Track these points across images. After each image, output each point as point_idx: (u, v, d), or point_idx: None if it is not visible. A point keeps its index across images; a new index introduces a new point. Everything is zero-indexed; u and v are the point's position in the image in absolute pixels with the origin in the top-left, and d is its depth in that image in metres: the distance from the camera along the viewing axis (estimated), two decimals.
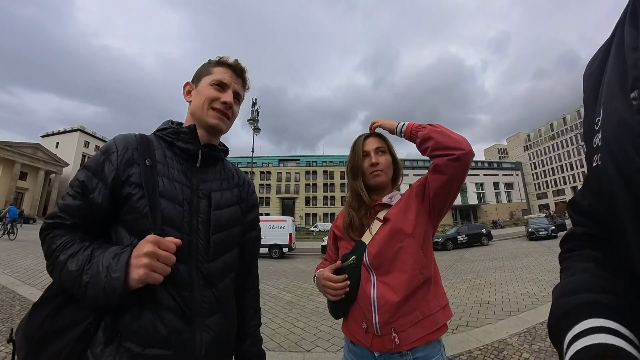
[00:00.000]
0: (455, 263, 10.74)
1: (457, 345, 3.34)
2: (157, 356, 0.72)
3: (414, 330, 0.95)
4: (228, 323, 0.88)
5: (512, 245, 16.64)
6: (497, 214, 57.18)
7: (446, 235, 17.93)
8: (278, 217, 20.68)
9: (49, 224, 0.75)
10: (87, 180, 0.77)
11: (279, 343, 3.57)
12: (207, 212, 0.86)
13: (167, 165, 0.85)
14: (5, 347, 3.05)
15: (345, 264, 1.07)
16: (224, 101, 0.92)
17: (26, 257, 8.60)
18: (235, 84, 0.96)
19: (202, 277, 0.81)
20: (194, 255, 0.81)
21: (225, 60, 0.96)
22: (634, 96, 0.34)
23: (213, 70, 0.95)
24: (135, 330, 0.71)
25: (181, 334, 0.75)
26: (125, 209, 0.78)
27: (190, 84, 0.97)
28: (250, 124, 17.57)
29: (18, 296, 4.91)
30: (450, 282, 7.20)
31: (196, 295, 0.79)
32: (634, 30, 0.37)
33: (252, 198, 1.06)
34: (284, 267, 11.03)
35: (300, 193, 64.59)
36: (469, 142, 0.98)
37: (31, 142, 45.03)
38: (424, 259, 1.01)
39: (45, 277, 6.24)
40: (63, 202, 0.76)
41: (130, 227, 0.77)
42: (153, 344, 0.72)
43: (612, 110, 0.38)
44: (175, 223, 0.79)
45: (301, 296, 6.12)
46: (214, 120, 0.92)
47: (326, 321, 4.30)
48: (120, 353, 0.70)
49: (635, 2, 0.39)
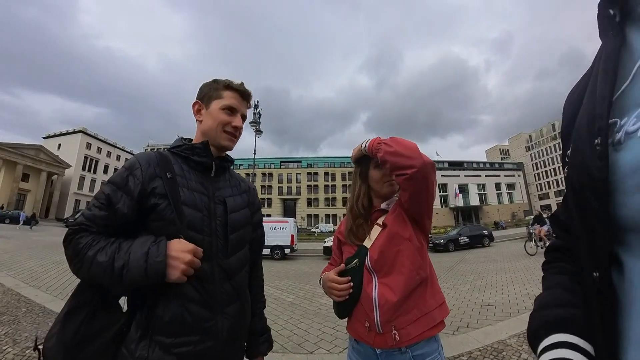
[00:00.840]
0: (457, 264, 10.75)
1: (458, 347, 3.39)
2: (186, 342, 0.83)
3: (412, 327, 1.01)
4: (244, 310, 1.00)
5: (513, 246, 16.60)
6: (498, 215, 56.94)
7: (448, 236, 17.92)
8: (280, 218, 20.67)
9: (74, 229, 0.83)
10: (112, 193, 0.86)
11: (282, 345, 3.61)
12: (224, 216, 0.98)
13: (185, 177, 0.96)
14: (12, 349, 3.12)
15: (349, 267, 1.15)
16: (235, 126, 1.05)
17: (29, 259, 8.71)
18: (242, 107, 1.08)
19: (222, 271, 0.93)
20: (215, 253, 0.93)
21: (233, 85, 1.06)
22: (597, 142, 0.37)
23: (223, 94, 1.04)
24: (166, 323, 0.82)
25: (205, 322, 0.87)
26: (152, 217, 0.88)
27: (200, 104, 1.06)
28: (252, 126, 17.65)
29: (23, 298, 4.98)
30: (452, 283, 7.24)
31: (217, 288, 0.91)
32: (605, 77, 0.40)
33: (257, 201, 1.22)
34: (286, 268, 11.05)
35: (301, 194, 64.59)
36: (422, 153, 1.03)
37: (33, 143, 45.15)
38: (419, 260, 1.08)
39: (48, 279, 6.36)
40: (89, 212, 0.85)
41: (158, 232, 0.87)
42: (181, 333, 0.83)
43: (579, 151, 0.42)
44: (197, 227, 0.91)
45: (304, 297, 6.15)
46: (226, 142, 1.05)
47: (329, 322, 4.35)
48: (153, 346, 0.80)
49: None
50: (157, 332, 0.81)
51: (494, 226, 41.53)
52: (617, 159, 0.35)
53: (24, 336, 3.46)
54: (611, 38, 0.40)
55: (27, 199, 44.16)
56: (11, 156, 40.03)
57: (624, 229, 0.35)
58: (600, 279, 0.37)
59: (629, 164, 0.33)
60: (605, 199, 0.35)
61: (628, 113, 0.35)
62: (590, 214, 0.37)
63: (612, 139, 0.36)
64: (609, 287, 0.36)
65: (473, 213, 59.66)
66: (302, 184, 65.49)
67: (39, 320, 4.00)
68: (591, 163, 0.37)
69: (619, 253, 0.36)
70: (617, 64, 0.38)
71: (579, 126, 0.45)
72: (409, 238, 1.09)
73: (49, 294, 5.23)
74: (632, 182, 0.33)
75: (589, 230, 0.38)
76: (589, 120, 0.41)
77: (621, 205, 0.34)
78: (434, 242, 17.28)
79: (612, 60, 0.38)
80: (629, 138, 0.34)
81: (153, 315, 0.82)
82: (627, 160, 0.34)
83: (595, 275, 0.38)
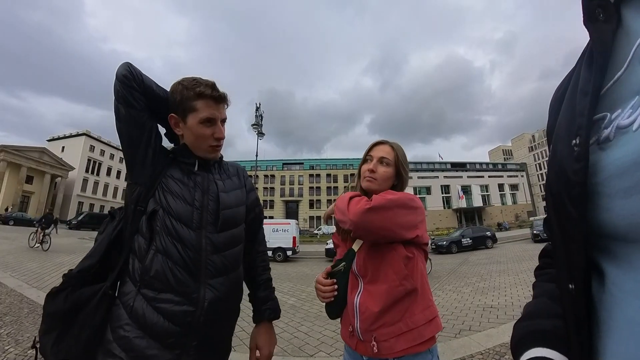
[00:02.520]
0: (460, 266, 10.70)
1: (459, 350, 3.36)
2: (167, 300, 0.90)
3: (396, 341, 0.97)
4: (232, 287, 1.02)
5: (516, 247, 16.53)
6: (502, 216, 56.62)
7: (450, 238, 17.88)
8: (282, 220, 20.70)
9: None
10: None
11: (282, 348, 3.60)
12: (216, 193, 1.04)
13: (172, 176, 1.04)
14: (14, 348, 3.15)
15: (335, 269, 1.14)
16: (217, 137, 1.04)
17: (32, 261, 8.77)
18: (221, 112, 1.04)
19: (210, 244, 0.98)
20: (204, 225, 0.98)
21: (204, 92, 0.98)
22: (575, 143, 0.34)
23: (196, 105, 0.98)
24: (151, 277, 0.90)
25: (186, 287, 0.92)
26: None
27: (176, 117, 1.02)
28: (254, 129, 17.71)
29: (26, 299, 5.02)
30: (454, 285, 7.20)
31: (202, 257, 0.95)
32: (588, 74, 0.37)
33: (249, 181, 1.26)
34: (287, 270, 11.04)
35: (304, 196, 64.67)
36: (355, 210, 1.02)
37: (38, 146, 45.57)
38: (404, 270, 1.02)
39: (50, 280, 6.40)
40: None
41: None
42: (163, 290, 0.90)
43: (557, 152, 0.39)
44: (185, 198, 0.98)
45: (305, 300, 6.14)
46: (212, 154, 1.07)
47: (330, 326, 4.33)
48: (140, 298, 0.89)
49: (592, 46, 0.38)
50: (144, 285, 0.90)
51: (497, 227, 41.33)
52: (602, 159, 0.32)
53: (26, 336, 3.49)
54: (602, 22, 0.36)
55: (31, 201, 44.43)
56: (15, 158, 40.37)
57: (607, 237, 0.32)
58: (575, 291, 0.35)
59: (617, 162, 0.30)
60: (583, 205, 0.33)
61: (622, 104, 0.31)
62: (567, 222, 0.34)
63: (598, 136, 0.33)
64: (585, 300, 0.34)
65: (476, 214, 59.33)
66: (304, 186, 65.58)
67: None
68: (568, 166, 0.34)
69: (601, 263, 0.34)
70: (610, 51, 0.34)
71: (558, 126, 0.42)
72: (394, 247, 1.05)
73: None
74: (619, 184, 0.29)
75: (566, 239, 0.35)
76: (568, 118, 0.38)
77: (605, 210, 0.31)
78: (437, 244, 17.25)
79: (605, 47, 0.35)
80: (621, 133, 0.30)
81: (142, 270, 0.90)
82: (614, 159, 0.30)
83: (570, 287, 0.35)
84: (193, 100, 0.98)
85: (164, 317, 0.88)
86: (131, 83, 0.95)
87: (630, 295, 0.29)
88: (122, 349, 0.86)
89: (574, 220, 0.34)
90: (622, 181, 0.29)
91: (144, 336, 0.87)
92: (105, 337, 0.89)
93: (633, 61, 0.32)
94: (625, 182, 0.28)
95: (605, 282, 0.32)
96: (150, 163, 0.99)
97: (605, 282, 0.32)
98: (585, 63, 0.38)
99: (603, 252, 0.33)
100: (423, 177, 61.40)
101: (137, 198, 0.97)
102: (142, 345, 0.86)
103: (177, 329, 0.89)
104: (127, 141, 0.98)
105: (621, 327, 0.29)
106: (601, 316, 0.32)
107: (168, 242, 0.92)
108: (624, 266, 0.30)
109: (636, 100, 0.30)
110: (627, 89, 0.32)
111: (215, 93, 1.01)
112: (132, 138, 0.97)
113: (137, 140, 0.98)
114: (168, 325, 0.88)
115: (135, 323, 0.88)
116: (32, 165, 42.50)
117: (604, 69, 0.34)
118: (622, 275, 0.30)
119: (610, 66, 0.34)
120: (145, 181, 0.98)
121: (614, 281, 0.31)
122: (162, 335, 0.88)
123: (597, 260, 0.34)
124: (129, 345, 0.86)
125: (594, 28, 0.37)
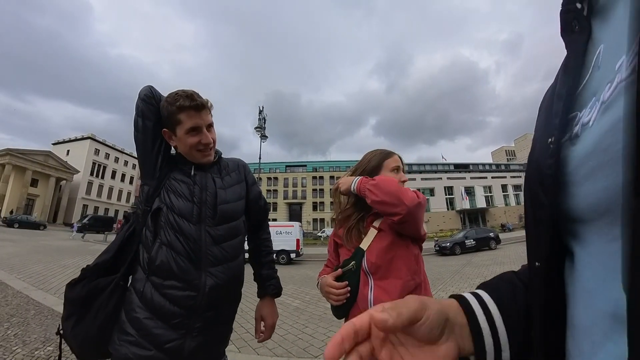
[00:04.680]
0: (463, 268, 10.65)
1: None
2: (172, 286, 1.01)
3: None
4: (231, 274, 1.12)
5: (520, 249, 16.40)
6: (505, 217, 56.16)
7: (454, 239, 17.76)
8: (285, 222, 20.69)
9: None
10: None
11: (287, 349, 3.60)
12: (214, 189, 1.15)
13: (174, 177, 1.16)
14: (22, 349, 3.17)
15: (346, 268, 1.17)
16: (204, 143, 1.13)
17: (37, 264, 8.84)
18: (205, 118, 1.13)
19: (209, 236, 1.09)
20: (203, 219, 1.10)
21: (183, 104, 1.07)
22: (550, 141, 0.38)
23: (180, 118, 1.08)
24: (157, 266, 1.02)
25: (189, 274, 1.03)
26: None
27: (168, 132, 1.13)
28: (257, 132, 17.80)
29: (32, 301, 5.05)
30: (458, 287, 7.18)
31: (202, 248, 1.06)
32: (564, 79, 0.40)
33: (250, 176, 1.36)
34: (291, 273, 11.04)
35: (307, 198, 64.58)
36: (411, 197, 1.06)
37: (43, 149, 46.07)
38: (415, 265, 1.11)
39: (55, 282, 6.47)
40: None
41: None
42: (169, 277, 1.02)
43: (535, 149, 0.43)
44: (185, 196, 1.09)
45: (309, 302, 6.13)
46: (204, 159, 1.17)
47: (334, 327, 4.33)
48: (148, 284, 1.02)
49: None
50: (151, 273, 1.02)
51: (501, 228, 41.03)
52: (571, 152, 0.35)
53: (33, 337, 3.51)
54: (577, 33, 0.40)
55: (36, 204, 44.87)
56: (20, 162, 40.88)
57: (574, 221, 0.36)
58: (539, 268, 0.39)
59: (580, 153, 0.34)
60: (553, 194, 0.36)
61: (586, 105, 0.35)
62: (539, 209, 0.39)
63: (570, 133, 0.37)
64: (547, 275, 0.38)
65: (480, 215, 58.99)
66: (307, 188, 65.52)
67: (48, 322, 4.05)
68: (542, 161, 0.38)
69: (571, 246, 0.37)
70: (582, 60, 0.38)
71: (538, 125, 0.46)
72: (407, 245, 1.12)
73: (57, 297, 5.30)
74: (580, 172, 0.33)
75: (537, 223, 0.39)
76: (545, 118, 0.42)
77: (572, 196, 0.35)
78: (440, 246, 17.15)
79: (579, 55, 0.39)
80: (584, 129, 0.34)
81: (149, 260, 1.03)
82: (578, 152, 0.34)
83: (537, 265, 0.39)
84: (177, 114, 1.08)
85: (170, 301, 1.00)
86: (151, 101, 1.11)
87: (585, 268, 0.33)
88: (134, 328, 0.99)
89: (544, 207, 0.38)
90: (581, 170, 0.33)
91: (152, 317, 0.99)
92: (120, 318, 1.02)
93: (594, 67, 0.36)
94: (583, 170, 0.33)
95: (573, 261, 0.36)
96: (159, 167, 1.12)
97: (574, 262, 0.36)
98: (563, 69, 0.41)
99: (572, 235, 0.37)
100: (426, 178, 61.21)
101: (147, 197, 1.10)
102: (150, 325, 0.98)
103: (181, 312, 1.01)
104: (142, 148, 1.12)
105: (580, 296, 0.34)
106: (569, 291, 0.36)
107: (171, 235, 1.04)
108: (584, 244, 0.34)
109: (592, 100, 0.34)
110: (589, 91, 0.36)
111: (194, 102, 1.08)
112: (147, 146, 1.11)
113: (150, 148, 1.12)
114: (173, 308, 1.00)
115: (145, 306, 1.00)
116: (37, 168, 42.97)
117: (576, 75, 0.38)
118: (582, 251, 0.34)
119: (582, 71, 0.38)
120: (154, 183, 1.11)
121: (578, 259, 0.35)
122: (168, 317, 1.00)
123: (568, 244, 0.38)
124: (139, 325, 0.99)
125: (570, 39, 0.41)
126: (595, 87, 0.34)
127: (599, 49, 0.35)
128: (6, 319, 4.08)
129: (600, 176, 0.30)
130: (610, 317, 0.28)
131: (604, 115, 0.30)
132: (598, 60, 0.35)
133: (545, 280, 0.38)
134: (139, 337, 0.98)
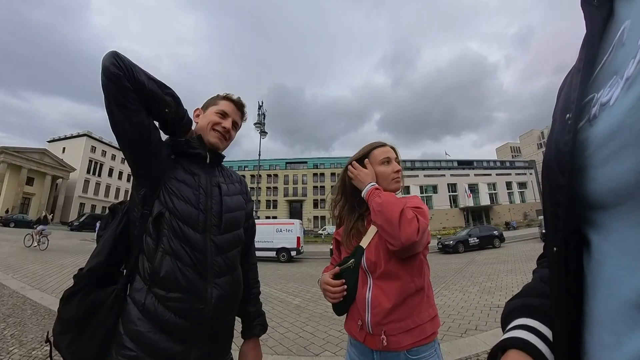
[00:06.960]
0: (467, 266, 10.59)
1: (465, 349, 3.31)
2: (177, 298, 0.94)
3: (404, 336, 1.01)
4: (235, 285, 1.09)
5: (525, 247, 16.33)
6: (510, 214, 55.88)
7: (457, 237, 17.71)
8: (286, 220, 20.71)
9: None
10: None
11: (287, 347, 3.59)
12: (219, 197, 1.09)
13: (182, 164, 1.09)
14: (19, 350, 3.16)
15: (344, 266, 1.15)
16: (223, 126, 1.17)
17: (33, 263, 8.83)
18: (235, 115, 1.21)
19: (214, 245, 1.03)
20: (208, 228, 1.03)
21: (230, 96, 1.22)
22: (568, 117, 0.37)
23: (219, 102, 1.20)
24: (161, 277, 0.94)
25: (196, 286, 0.97)
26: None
27: (200, 110, 1.22)
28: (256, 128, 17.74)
29: (29, 300, 5.05)
30: (461, 285, 7.11)
31: (208, 258, 1.00)
32: (582, 52, 0.39)
33: (248, 192, 1.34)
34: (292, 271, 11.04)
35: (308, 196, 64.47)
36: (410, 232, 0.98)
37: (38, 147, 45.50)
38: (416, 267, 1.08)
39: (52, 282, 6.47)
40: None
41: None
42: (173, 289, 0.94)
43: (554, 128, 0.42)
44: (191, 201, 1.02)
45: (310, 300, 6.12)
46: (214, 139, 1.15)
47: (335, 325, 4.30)
48: (150, 296, 0.94)
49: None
50: (154, 284, 0.94)
51: (505, 226, 40.90)
52: (590, 134, 0.34)
53: (30, 337, 3.50)
54: (595, 7, 0.38)
55: (32, 202, 44.47)
56: (16, 160, 40.42)
57: (592, 208, 0.34)
58: (557, 253, 0.38)
59: (600, 135, 0.32)
60: (571, 173, 0.35)
61: (605, 85, 0.34)
62: (556, 190, 0.37)
63: (589, 115, 0.35)
64: (566, 261, 0.37)
65: (483, 213, 58.64)
66: (308, 185, 65.39)
67: (45, 322, 4.04)
68: (560, 138, 0.37)
69: (589, 235, 0.35)
70: (599, 35, 0.37)
71: (557, 104, 0.45)
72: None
73: (54, 297, 5.29)
74: (601, 154, 0.32)
75: (554, 206, 0.38)
76: (565, 96, 0.41)
77: (591, 180, 0.33)
78: (443, 244, 17.10)
79: (595, 29, 0.37)
80: (602, 110, 0.33)
81: (152, 270, 0.95)
82: (597, 133, 0.33)
83: (555, 250, 0.38)
84: (219, 100, 1.21)
85: (175, 314, 0.94)
86: (123, 82, 0.88)
87: (607, 257, 0.32)
88: (133, 342, 0.91)
89: (562, 188, 0.36)
90: (602, 151, 0.32)
91: (156, 331, 0.92)
92: (117, 330, 0.95)
93: (617, 45, 0.35)
94: (605, 151, 0.31)
95: (591, 251, 0.35)
96: (151, 162, 1.00)
97: (591, 251, 0.35)
98: (582, 44, 0.41)
99: (590, 224, 0.35)
100: (429, 175, 60.93)
101: (143, 200, 1.00)
102: (154, 339, 0.92)
103: (187, 325, 0.95)
104: (124, 142, 0.95)
105: (601, 286, 0.33)
106: (588, 281, 0.35)
107: (177, 245, 0.96)
108: (603, 232, 0.33)
109: (613, 79, 0.33)
110: (609, 70, 0.35)
111: (238, 100, 1.22)
112: (130, 139, 0.95)
113: (135, 141, 0.96)
114: (179, 322, 0.94)
115: (147, 319, 0.93)
116: (33, 166, 42.64)
117: (594, 50, 0.37)
118: (602, 240, 0.33)
119: (602, 48, 0.37)
120: (148, 182, 1.00)
121: (597, 248, 0.34)
122: (173, 331, 0.94)
123: (586, 233, 0.36)
124: (141, 338, 0.92)
125: (589, 11, 0.40)
126: (618, 65, 0.33)
127: (623, 26, 0.34)
128: (2, 319, 4.07)
129: (624, 156, 0.28)
130: (636, 307, 0.27)
131: (629, 92, 0.29)
132: (622, 36, 0.34)
133: (565, 266, 0.37)
134: (140, 352, 0.91)
